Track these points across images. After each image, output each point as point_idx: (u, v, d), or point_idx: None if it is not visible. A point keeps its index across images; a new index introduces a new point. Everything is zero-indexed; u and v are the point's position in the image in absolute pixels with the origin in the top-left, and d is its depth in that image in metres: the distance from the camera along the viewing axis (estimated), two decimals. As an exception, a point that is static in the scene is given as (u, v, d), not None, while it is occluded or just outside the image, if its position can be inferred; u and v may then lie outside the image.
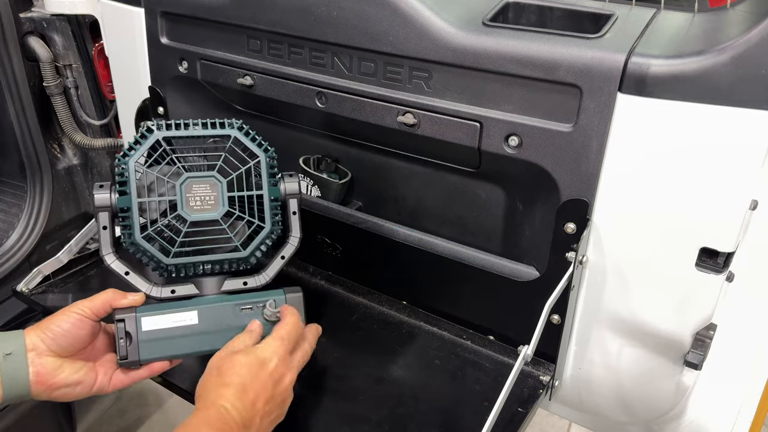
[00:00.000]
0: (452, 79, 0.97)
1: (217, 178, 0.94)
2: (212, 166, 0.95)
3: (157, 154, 0.94)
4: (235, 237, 0.95)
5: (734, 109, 0.78)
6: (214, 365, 0.85)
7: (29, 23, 1.53)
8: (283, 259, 1.01)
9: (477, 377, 1.05)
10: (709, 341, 0.94)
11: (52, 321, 0.88)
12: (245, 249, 0.96)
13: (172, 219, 0.92)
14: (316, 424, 0.95)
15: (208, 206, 0.94)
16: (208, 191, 0.94)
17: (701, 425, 1.05)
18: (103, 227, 0.95)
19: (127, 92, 1.44)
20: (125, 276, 0.96)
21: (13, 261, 1.54)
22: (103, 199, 0.94)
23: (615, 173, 0.89)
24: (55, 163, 1.66)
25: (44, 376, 0.85)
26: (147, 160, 0.93)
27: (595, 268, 0.97)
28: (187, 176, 0.93)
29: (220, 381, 0.82)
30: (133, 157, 0.92)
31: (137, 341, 0.90)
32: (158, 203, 0.93)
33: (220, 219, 0.93)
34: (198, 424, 0.76)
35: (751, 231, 0.88)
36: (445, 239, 1.10)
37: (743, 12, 0.93)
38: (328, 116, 1.12)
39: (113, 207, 0.94)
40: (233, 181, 0.95)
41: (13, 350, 0.83)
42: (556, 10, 1.01)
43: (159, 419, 2.29)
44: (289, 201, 1.01)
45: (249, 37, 1.15)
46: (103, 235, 0.95)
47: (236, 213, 0.95)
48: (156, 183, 0.92)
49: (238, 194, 0.95)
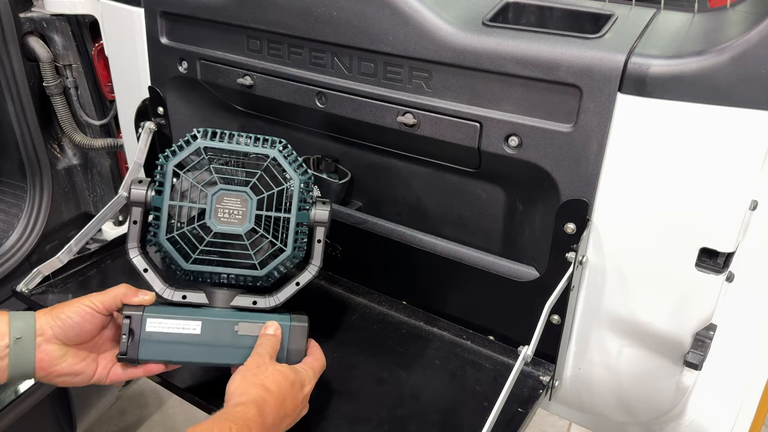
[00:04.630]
0: (452, 79, 0.97)
1: (248, 194, 0.95)
2: (246, 181, 0.95)
3: (195, 161, 0.95)
4: (255, 255, 0.95)
5: (734, 109, 0.78)
6: (258, 365, 0.88)
7: (29, 23, 1.53)
8: (297, 285, 1.01)
9: (477, 377, 1.05)
10: (709, 341, 0.94)
11: (63, 311, 0.89)
12: (263, 268, 0.96)
13: (198, 226, 0.94)
14: (317, 424, 0.95)
15: (235, 220, 0.94)
16: (238, 205, 0.95)
17: (701, 425, 1.05)
18: (133, 221, 0.97)
19: (126, 92, 1.44)
20: (143, 273, 0.98)
21: (13, 261, 1.54)
22: (139, 195, 0.96)
23: (615, 173, 0.89)
24: (55, 163, 1.66)
25: (47, 363, 0.87)
26: (185, 165, 0.96)
27: (595, 268, 0.97)
28: (220, 188, 0.94)
29: (264, 383, 0.84)
30: (173, 161, 0.94)
31: (139, 340, 0.92)
32: (188, 209, 0.94)
33: (243, 234, 0.94)
34: (244, 413, 0.79)
35: (751, 231, 0.88)
36: (445, 239, 1.10)
37: (743, 12, 0.92)
38: (328, 116, 1.12)
39: (147, 204, 0.96)
40: (264, 200, 0.95)
41: (23, 334, 0.85)
42: (556, 10, 1.01)
43: (159, 419, 2.29)
44: (317, 228, 1.00)
45: (249, 37, 1.15)
46: (132, 229, 0.98)
47: (260, 232, 0.95)
48: (190, 189, 0.94)
49: (266, 213, 0.95)
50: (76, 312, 0.89)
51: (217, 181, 0.94)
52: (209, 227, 0.94)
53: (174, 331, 0.93)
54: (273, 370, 0.87)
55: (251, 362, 0.89)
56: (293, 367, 0.90)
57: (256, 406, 0.80)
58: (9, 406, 1.41)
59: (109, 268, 1.29)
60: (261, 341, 0.92)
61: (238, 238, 0.94)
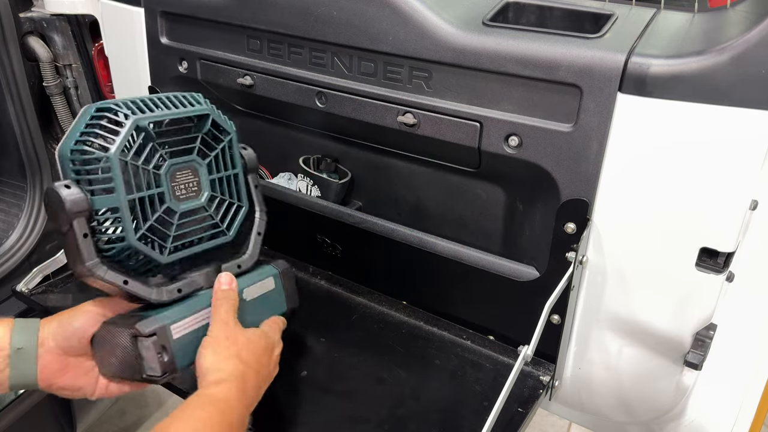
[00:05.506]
0: (452, 79, 0.97)
1: (197, 162, 0.88)
2: (190, 149, 0.87)
3: (137, 143, 0.82)
4: (221, 221, 0.91)
5: (734, 109, 0.78)
6: (227, 336, 0.82)
7: (29, 23, 1.53)
8: (259, 235, 0.99)
9: (477, 377, 1.05)
10: (709, 341, 0.94)
11: (64, 317, 0.87)
12: (230, 231, 0.93)
13: (162, 213, 0.84)
14: (317, 424, 0.95)
15: (192, 193, 0.88)
16: (190, 177, 0.88)
17: (701, 425, 1.05)
18: (83, 235, 0.79)
19: (127, 92, 1.44)
20: (124, 285, 0.83)
21: (13, 261, 1.53)
22: (80, 202, 0.79)
23: (615, 173, 0.89)
24: (55, 163, 1.66)
25: (48, 375, 0.85)
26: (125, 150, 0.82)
27: (595, 268, 0.97)
28: (170, 163, 0.85)
29: (238, 354, 0.81)
30: (116, 150, 0.79)
31: (172, 352, 0.83)
32: (147, 198, 0.83)
33: (205, 205, 0.89)
34: (226, 392, 0.76)
35: (751, 231, 0.88)
36: (445, 239, 1.10)
37: (743, 12, 0.92)
38: (328, 116, 1.12)
39: (89, 209, 0.80)
40: (212, 163, 0.90)
41: (24, 344, 0.83)
42: (556, 10, 1.01)
43: (159, 420, 2.28)
44: (249, 175, 0.98)
45: (249, 37, 1.15)
46: (85, 244, 0.80)
47: (219, 196, 0.91)
48: (138, 175, 0.82)
49: (218, 176, 0.91)
50: (80, 318, 0.86)
51: (165, 157, 0.85)
52: (173, 209, 0.85)
53: (194, 327, 0.86)
54: (244, 339, 0.83)
55: (218, 331, 0.83)
56: (263, 331, 0.87)
57: (236, 382, 0.78)
58: (9, 406, 1.41)
59: (109, 268, 1.29)
60: (217, 303, 0.86)
61: (200, 210, 0.89)
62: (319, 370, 1.05)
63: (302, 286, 1.25)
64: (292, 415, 0.94)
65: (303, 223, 1.22)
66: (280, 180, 1.35)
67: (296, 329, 1.12)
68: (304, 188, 1.29)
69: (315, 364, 1.05)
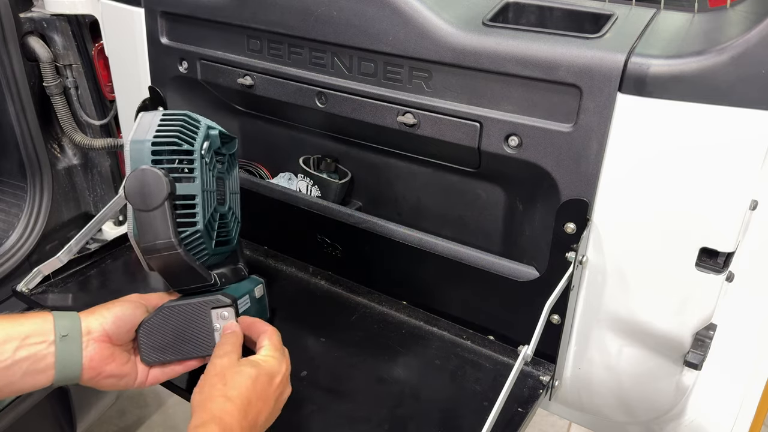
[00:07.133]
0: (452, 79, 0.97)
1: (225, 174, 1.03)
2: (221, 161, 1.02)
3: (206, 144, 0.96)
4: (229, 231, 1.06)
5: (734, 109, 0.78)
6: (217, 373, 0.82)
7: (29, 23, 1.53)
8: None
9: (477, 377, 1.05)
10: (709, 341, 0.94)
11: (109, 308, 0.88)
12: (234, 239, 1.06)
13: (218, 206, 0.97)
14: (316, 424, 0.95)
15: (221, 198, 1.01)
16: (221, 186, 1.02)
17: (701, 425, 1.05)
18: (172, 214, 0.86)
19: (127, 92, 1.44)
20: (194, 264, 0.89)
21: (13, 261, 1.54)
22: (172, 183, 0.86)
23: (615, 173, 0.89)
24: (55, 163, 1.66)
25: (97, 362, 0.84)
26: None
27: (595, 268, 0.97)
28: (219, 169, 1.00)
29: (224, 393, 0.78)
30: (199, 146, 0.91)
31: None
32: (212, 192, 0.97)
33: (226, 209, 1.02)
34: None
35: (751, 231, 0.88)
36: (445, 239, 1.10)
37: (743, 12, 0.93)
38: (328, 116, 1.12)
39: (174, 193, 0.87)
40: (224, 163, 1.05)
41: (69, 332, 0.82)
42: (556, 10, 1.01)
43: (159, 419, 2.29)
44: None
45: (249, 37, 1.15)
46: (173, 221, 0.86)
47: (232, 208, 1.06)
48: (205, 172, 0.94)
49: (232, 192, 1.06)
50: (126, 306, 0.89)
51: (217, 163, 1.00)
52: (217, 210, 0.98)
53: (244, 308, 0.97)
54: (232, 375, 0.81)
55: (211, 367, 0.83)
56: (254, 361, 0.85)
57: (218, 425, 0.75)
58: (9, 406, 1.41)
59: (110, 268, 1.29)
60: (223, 340, 0.88)
61: (225, 216, 1.02)
62: (319, 370, 1.05)
63: (302, 286, 1.25)
64: (292, 415, 0.94)
65: (303, 223, 1.22)
66: (280, 180, 1.35)
67: (296, 329, 1.12)
68: (304, 188, 1.29)
69: (315, 364, 1.05)
